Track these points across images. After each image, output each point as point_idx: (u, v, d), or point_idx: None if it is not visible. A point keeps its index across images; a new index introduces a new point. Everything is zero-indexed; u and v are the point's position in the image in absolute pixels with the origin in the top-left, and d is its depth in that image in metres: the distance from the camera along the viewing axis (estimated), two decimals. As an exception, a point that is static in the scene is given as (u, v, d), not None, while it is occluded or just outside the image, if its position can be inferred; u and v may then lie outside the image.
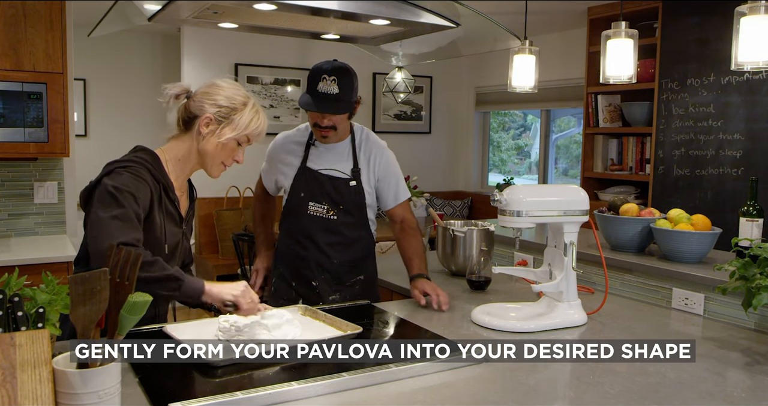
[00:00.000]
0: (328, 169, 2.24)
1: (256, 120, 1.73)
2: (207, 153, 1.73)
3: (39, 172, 3.34)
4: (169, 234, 1.71)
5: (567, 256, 1.91)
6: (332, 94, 2.09)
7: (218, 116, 1.70)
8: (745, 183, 3.79)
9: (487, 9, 1.96)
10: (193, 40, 5.56)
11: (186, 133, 1.74)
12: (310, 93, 2.13)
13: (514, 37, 2.19)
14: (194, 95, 1.73)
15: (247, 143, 1.76)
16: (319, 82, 2.09)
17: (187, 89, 1.73)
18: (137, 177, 1.61)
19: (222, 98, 1.70)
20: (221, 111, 1.70)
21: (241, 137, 1.72)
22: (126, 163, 1.63)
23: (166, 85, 1.72)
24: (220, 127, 1.70)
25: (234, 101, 1.71)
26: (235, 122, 1.70)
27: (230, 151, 1.74)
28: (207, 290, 1.62)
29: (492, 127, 6.94)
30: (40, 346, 1.12)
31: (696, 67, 4.06)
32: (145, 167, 1.65)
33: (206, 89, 1.73)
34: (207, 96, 1.71)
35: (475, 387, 1.42)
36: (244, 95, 1.74)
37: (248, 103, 1.73)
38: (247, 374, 1.42)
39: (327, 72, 2.10)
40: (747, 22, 1.93)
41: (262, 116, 1.75)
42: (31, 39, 2.94)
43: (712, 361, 1.64)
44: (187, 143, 1.74)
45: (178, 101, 1.74)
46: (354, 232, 2.28)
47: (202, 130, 1.71)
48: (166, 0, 1.65)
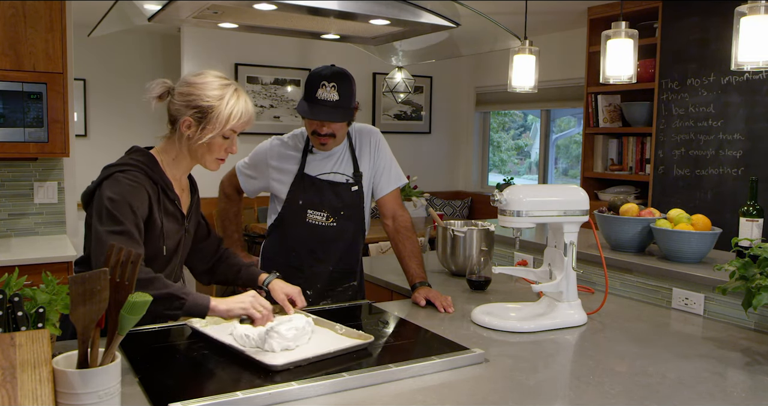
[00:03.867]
0: (328, 173, 2.21)
1: (237, 111, 1.64)
2: (196, 153, 1.70)
3: (39, 172, 3.34)
4: (170, 234, 1.70)
5: (567, 256, 1.91)
6: (332, 101, 2.05)
7: (196, 118, 1.64)
8: (745, 183, 3.79)
9: (487, 9, 1.96)
10: (193, 40, 5.56)
11: (175, 132, 1.70)
12: (309, 100, 2.07)
13: (514, 37, 2.19)
14: (173, 95, 1.67)
15: (235, 134, 1.70)
16: (318, 89, 2.05)
17: (168, 86, 1.68)
18: (134, 183, 1.59)
19: (195, 97, 1.63)
20: (197, 111, 1.63)
21: (225, 132, 1.66)
22: (123, 167, 1.62)
23: (148, 85, 1.67)
24: (200, 129, 1.64)
25: (208, 98, 1.62)
26: (214, 121, 1.63)
27: (219, 146, 1.69)
28: (213, 306, 1.58)
29: (492, 127, 6.94)
30: (40, 346, 1.12)
31: (696, 67, 4.06)
32: (142, 170, 1.64)
33: (182, 89, 1.66)
34: (182, 97, 1.65)
35: (475, 387, 1.42)
36: (219, 87, 1.64)
37: (224, 96, 1.63)
38: (247, 374, 1.42)
39: (326, 78, 2.05)
40: (747, 22, 1.93)
41: (241, 104, 1.65)
42: (31, 39, 2.94)
43: (712, 361, 1.64)
44: (177, 143, 1.71)
45: (162, 101, 1.69)
46: (352, 238, 2.26)
47: (184, 133, 1.66)
48: (166, 0, 1.65)
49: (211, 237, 1.93)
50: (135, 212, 1.57)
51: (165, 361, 1.52)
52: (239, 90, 1.68)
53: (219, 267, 1.93)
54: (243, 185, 2.34)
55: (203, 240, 1.91)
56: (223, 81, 1.67)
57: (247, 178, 2.32)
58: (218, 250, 1.94)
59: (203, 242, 1.91)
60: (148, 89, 1.68)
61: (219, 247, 1.95)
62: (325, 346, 1.55)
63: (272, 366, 1.41)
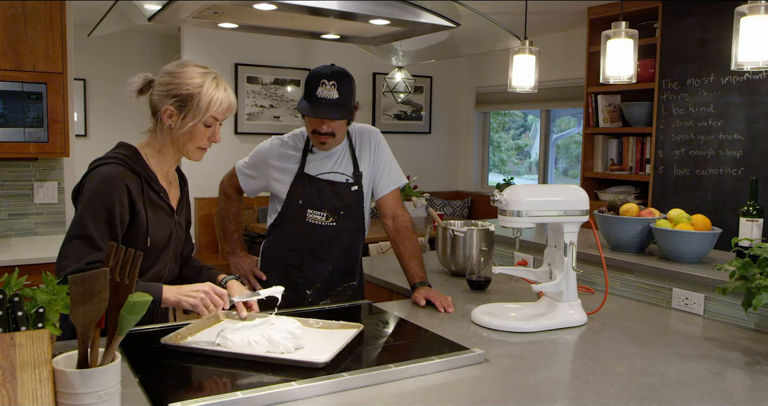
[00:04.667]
0: (328, 173, 2.21)
1: (216, 98, 1.65)
2: (179, 142, 1.70)
3: (39, 172, 3.34)
4: (157, 226, 1.70)
5: (567, 256, 1.91)
6: (332, 100, 2.05)
7: (176, 106, 1.65)
8: (745, 183, 3.79)
9: (487, 9, 1.96)
10: (193, 40, 5.56)
11: (158, 124, 1.72)
12: (309, 99, 2.08)
13: (514, 37, 2.19)
14: (153, 87, 1.69)
15: (217, 122, 1.71)
16: (318, 87, 2.05)
17: (149, 79, 1.70)
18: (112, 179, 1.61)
19: (175, 86, 1.65)
20: (177, 100, 1.65)
21: (206, 120, 1.67)
22: (105, 160, 1.64)
23: (129, 80, 1.69)
24: (181, 117, 1.66)
25: (188, 86, 1.64)
26: (194, 108, 1.64)
27: (201, 134, 1.69)
28: (164, 298, 1.61)
29: (492, 127, 6.94)
30: (40, 346, 1.12)
31: (696, 67, 4.06)
32: (124, 162, 1.65)
33: (162, 79, 1.68)
34: (162, 87, 1.66)
35: (475, 387, 1.42)
36: (199, 75, 1.66)
37: (204, 83, 1.65)
38: (247, 374, 1.42)
39: (326, 77, 2.06)
40: (747, 22, 1.93)
41: (221, 92, 1.67)
42: (31, 39, 2.94)
43: (712, 361, 1.64)
44: (160, 135, 1.72)
45: (143, 95, 1.70)
46: (352, 238, 2.26)
47: (166, 123, 1.68)
48: (166, 0, 1.65)
49: (188, 243, 1.94)
50: (110, 209, 1.59)
51: (165, 361, 1.52)
52: (219, 78, 1.70)
53: (183, 269, 1.93)
54: (243, 185, 2.34)
55: (187, 244, 1.92)
56: (203, 70, 1.69)
57: (247, 178, 2.32)
58: (189, 253, 1.95)
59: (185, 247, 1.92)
60: (129, 84, 1.69)
61: (191, 252, 1.96)
62: (327, 340, 1.56)
63: (319, 363, 1.42)
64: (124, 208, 1.62)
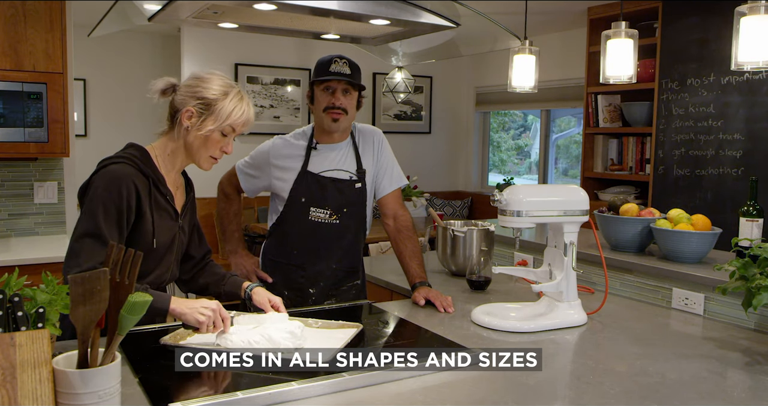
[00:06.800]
0: (331, 170, 2.21)
1: (239, 109, 1.69)
2: (192, 146, 1.71)
3: (39, 172, 3.34)
4: (162, 229, 1.70)
5: (567, 256, 1.91)
6: (346, 74, 2.13)
7: (199, 108, 1.67)
8: (745, 183, 3.79)
9: (487, 9, 1.96)
10: (193, 40, 5.56)
11: (173, 128, 1.72)
12: (324, 75, 2.13)
13: (514, 37, 2.20)
14: (178, 89, 1.71)
15: (233, 133, 1.72)
16: (331, 64, 2.12)
17: (173, 83, 1.71)
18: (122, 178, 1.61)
19: (202, 89, 1.67)
20: (201, 103, 1.67)
21: (224, 128, 1.69)
22: (114, 160, 1.65)
23: (153, 81, 1.71)
24: (201, 120, 1.67)
25: (214, 92, 1.67)
26: (216, 113, 1.67)
27: (216, 143, 1.71)
28: (171, 309, 1.61)
29: (492, 127, 6.94)
30: (40, 346, 1.12)
31: (696, 67, 4.06)
32: (134, 163, 1.65)
33: (188, 82, 1.71)
34: (188, 89, 1.69)
35: (475, 387, 1.42)
36: (225, 85, 1.70)
37: (230, 92, 1.68)
38: (247, 374, 1.42)
39: (338, 56, 2.14)
40: (747, 22, 1.93)
41: (245, 105, 1.70)
42: (31, 39, 2.94)
43: (712, 361, 1.64)
44: (174, 138, 1.72)
45: (165, 96, 1.72)
46: (354, 236, 2.25)
47: (184, 123, 1.68)
48: (166, 0, 1.65)
49: (202, 245, 1.93)
50: (119, 208, 1.59)
51: (165, 361, 1.52)
52: (243, 93, 1.73)
53: (201, 276, 1.92)
54: (243, 184, 2.33)
55: (196, 247, 1.91)
56: (230, 82, 1.73)
57: (248, 177, 2.31)
58: (204, 259, 1.94)
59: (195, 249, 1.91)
60: (153, 84, 1.70)
61: (206, 256, 1.95)
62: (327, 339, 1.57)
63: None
64: (131, 208, 1.62)
